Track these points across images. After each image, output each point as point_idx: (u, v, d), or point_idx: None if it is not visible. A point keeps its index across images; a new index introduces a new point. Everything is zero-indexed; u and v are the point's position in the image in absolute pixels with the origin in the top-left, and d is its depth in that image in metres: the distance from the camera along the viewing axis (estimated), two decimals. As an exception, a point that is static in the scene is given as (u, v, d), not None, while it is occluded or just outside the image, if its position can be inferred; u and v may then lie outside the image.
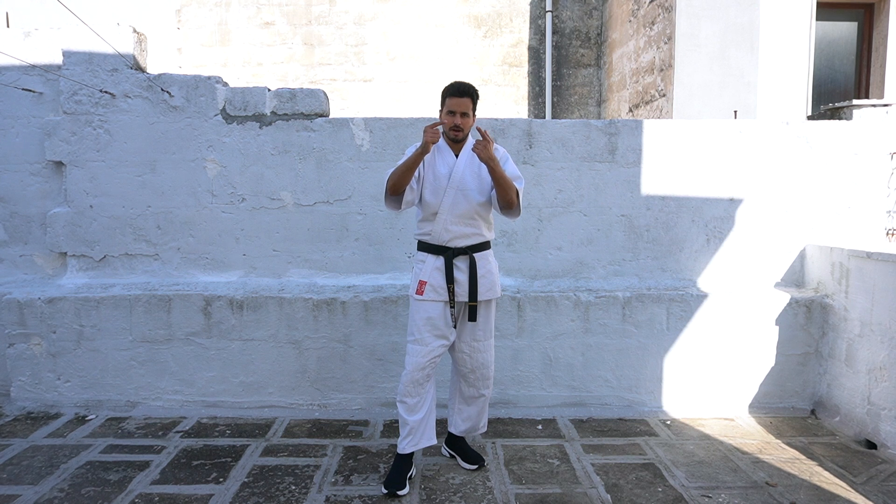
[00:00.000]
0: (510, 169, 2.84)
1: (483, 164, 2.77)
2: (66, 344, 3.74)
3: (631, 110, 6.90)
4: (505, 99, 7.98)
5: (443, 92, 2.81)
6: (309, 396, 3.76)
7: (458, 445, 3.11)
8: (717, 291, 3.78)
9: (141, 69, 3.96)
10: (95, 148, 3.90)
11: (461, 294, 2.83)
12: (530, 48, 7.98)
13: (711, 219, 3.96)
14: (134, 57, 3.90)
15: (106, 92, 3.85)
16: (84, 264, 3.97)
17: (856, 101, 4.03)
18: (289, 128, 3.90)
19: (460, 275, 2.83)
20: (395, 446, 3.26)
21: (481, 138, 2.70)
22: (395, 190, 2.75)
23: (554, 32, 7.94)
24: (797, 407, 3.81)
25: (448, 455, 3.15)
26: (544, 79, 7.94)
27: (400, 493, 2.75)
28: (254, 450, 3.25)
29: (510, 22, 7.94)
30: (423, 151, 2.66)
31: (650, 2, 6.28)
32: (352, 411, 3.75)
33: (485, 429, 3.16)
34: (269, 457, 3.16)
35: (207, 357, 3.75)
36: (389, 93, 7.88)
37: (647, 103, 6.40)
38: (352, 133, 3.90)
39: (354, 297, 3.72)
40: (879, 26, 6.02)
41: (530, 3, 7.92)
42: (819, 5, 5.85)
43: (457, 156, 2.85)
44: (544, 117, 7.92)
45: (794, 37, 5.77)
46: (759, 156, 3.94)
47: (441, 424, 3.25)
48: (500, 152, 2.89)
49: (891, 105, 4.00)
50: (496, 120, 3.92)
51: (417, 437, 2.89)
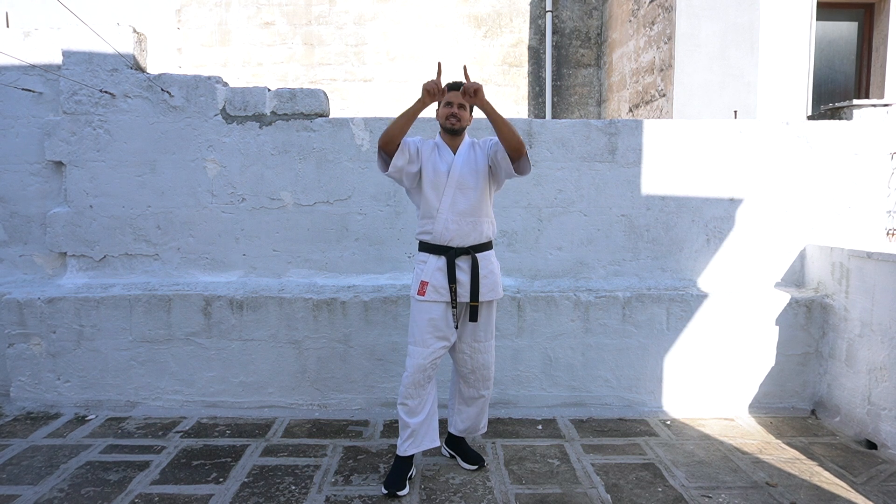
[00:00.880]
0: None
1: (477, 152, 2.81)
2: (66, 344, 3.74)
3: (631, 110, 6.90)
4: (505, 99, 7.98)
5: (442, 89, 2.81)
6: (309, 396, 3.76)
7: (458, 446, 3.11)
8: (717, 291, 3.78)
9: (141, 69, 3.96)
10: (95, 148, 3.90)
11: (463, 294, 2.81)
12: (530, 48, 7.98)
13: (711, 219, 3.96)
14: (134, 57, 3.90)
15: (106, 92, 3.85)
16: (84, 264, 3.97)
17: (856, 101, 4.03)
18: (289, 128, 3.90)
19: (462, 275, 2.80)
20: (395, 446, 3.26)
21: (469, 88, 2.57)
22: (389, 143, 2.66)
23: (554, 32, 7.93)
24: (797, 407, 3.81)
25: (448, 455, 3.15)
26: (544, 79, 7.94)
27: (400, 493, 2.75)
28: (254, 450, 3.24)
29: (510, 22, 7.94)
30: (421, 103, 2.60)
31: (650, 2, 6.28)
32: (352, 411, 3.75)
33: (485, 430, 3.16)
34: (269, 457, 3.16)
35: (207, 357, 3.75)
36: (389, 93, 7.88)
37: (647, 103, 6.40)
38: (352, 133, 3.90)
39: (354, 297, 3.72)
40: (879, 26, 6.02)
41: (530, 3, 7.92)
42: (819, 5, 5.85)
43: (454, 153, 2.85)
44: (544, 117, 7.92)
45: (794, 37, 5.77)
46: (759, 156, 3.93)
47: (441, 424, 3.25)
48: (481, 143, 2.89)
49: (891, 105, 4.00)
50: (496, 120, 3.91)
51: (419, 440, 2.88)
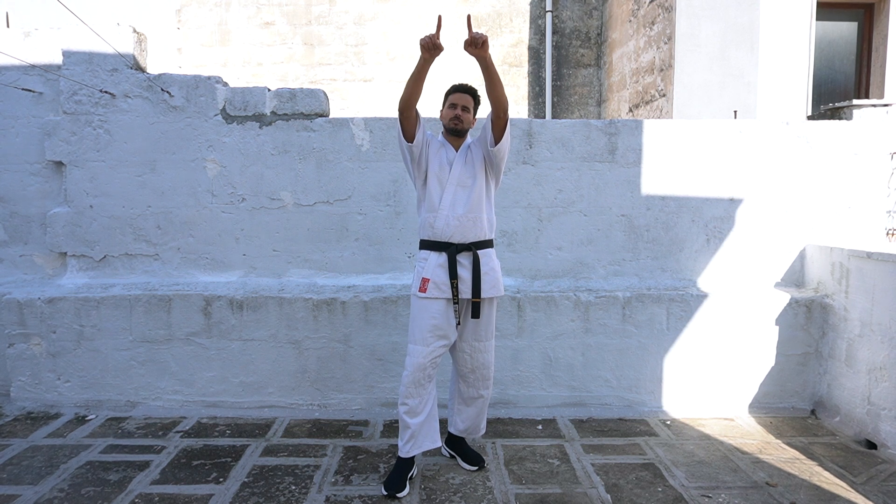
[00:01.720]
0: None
1: (474, 150, 2.84)
2: (66, 344, 3.74)
3: (631, 110, 6.90)
4: (505, 99, 7.97)
5: (447, 91, 2.87)
6: (309, 396, 3.76)
7: (458, 446, 3.11)
8: (717, 291, 3.78)
9: (141, 69, 3.96)
10: (95, 148, 3.90)
11: (465, 291, 2.80)
12: (530, 48, 7.98)
13: (711, 219, 3.96)
14: (134, 57, 3.90)
15: (106, 92, 3.85)
16: (84, 264, 3.97)
17: (856, 101, 4.03)
18: (289, 128, 3.90)
19: (464, 271, 2.80)
20: (396, 446, 3.26)
21: (477, 39, 2.53)
22: (406, 106, 2.68)
23: (554, 32, 7.94)
24: (797, 407, 3.81)
25: (448, 455, 3.15)
26: (544, 79, 7.94)
27: (399, 494, 2.74)
28: (254, 450, 3.24)
29: (510, 22, 7.94)
30: (423, 60, 2.60)
31: (650, 2, 6.28)
32: (352, 411, 3.75)
33: (483, 431, 3.16)
34: (269, 457, 3.16)
35: (207, 357, 3.75)
36: (389, 93, 7.88)
37: (647, 103, 6.40)
38: (352, 133, 3.90)
39: (354, 297, 3.72)
40: (879, 26, 6.02)
41: (530, 3, 7.92)
42: (819, 5, 5.85)
43: (457, 151, 2.88)
44: (544, 117, 7.92)
45: (794, 37, 5.77)
46: (759, 156, 3.94)
47: (441, 424, 3.25)
48: (476, 139, 2.92)
49: (891, 105, 4.00)
50: (496, 120, 3.92)
51: (420, 441, 2.87)
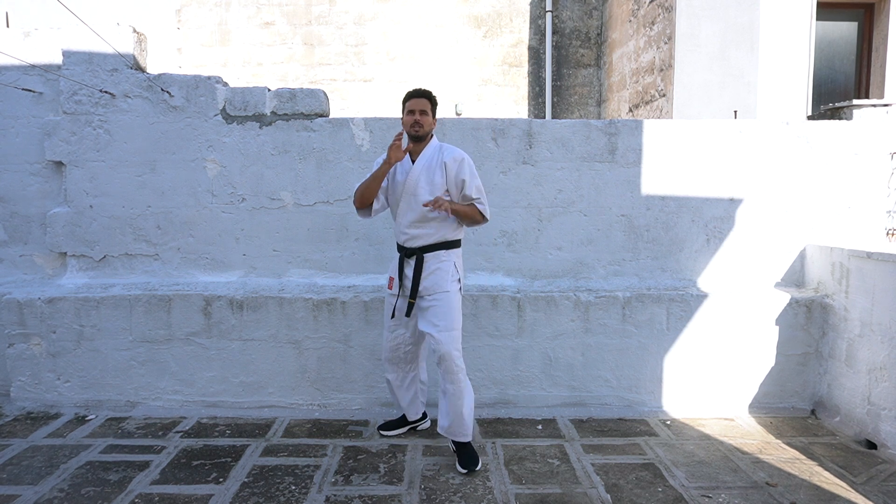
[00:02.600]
0: (471, 185, 2.97)
1: (437, 175, 2.96)
2: (66, 344, 3.74)
3: (631, 110, 6.90)
4: (505, 99, 7.98)
5: (403, 99, 3.03)
6: (309, 396, 3.76)
7: (457, 445, 3.11)
8: (717, 291, 3.78)
9: (141, 69, 3.96)
10: (95, 148, 3.90)
11: (407, 289, 3.06)
12: (530, 48, 7.98)
13: (711, 219, 3.96)
14: (134, 57, 3.89)
15: (106, 92, 3.85)
16: (84, 264, 3.97)
17: (856, 101, 4.03)
18: (289, 128, 3.90)
19: (409, 271, 3.03)
20: (395, 446, 3.28)
21: (437, 204, 2.85)
22: (362, 203, 3.05)
23: (554, 32, 7.94)
24: (797, 407, 3.81)
25: (453, 450, 3.13)
26: (544, 79, 7.95)
27: (389, 433, 3.39)
28: (254, 450, 3.24)
29: (510, 22, 7.94)
30: (386, 166, 2.94)
31: (650, 2, 6.28)
32: (352, 411, 3.75)
33: (465, 436, 3.02)
34: (269, 457, 3.16)
35: (207, 357, 3.75)
36: (389, 93, 7.88)
37: (647, 103, 6.40)
38: (352, 133, 3.90)
39: (354, 297, 3.72)
40: (879, 26, 6.02)
41: (530, 3, 7.92)
42: (819, 5, 5.85)
43: (414, 162, 3.01)
44: (544, 117, 7.92)
45: (794, 37, 5.77)
46: (759, 156, 3.93)
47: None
48: (466, 162, 2.99)
49: (891, 105, 4.00)
50: (496, 120, 3.92)
51: (400, 405, 3.35)
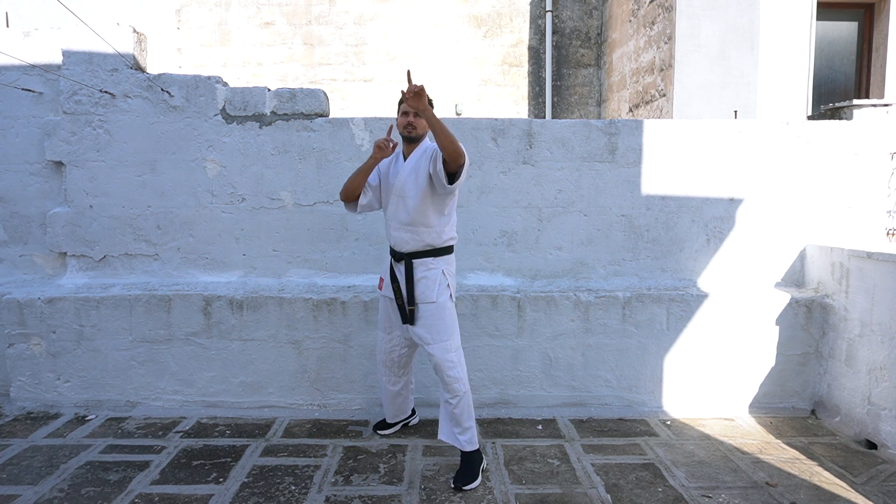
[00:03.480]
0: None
1: (422, 163, 2.84)
2: (66, 344, 3.74)
3: (631, 110, 6.90)
4: (505, 99, 7.98)
5: (399, 100, 2.92)
6: (309, 396, 3.76)
7: (461, 453, 3.01)
8: (717, 291, 3.78)
9: (141, 69, 3.96)
10: (95, 148, 3.90)
11: (402, 294, 2.97)
12: (530, 48, 7.98)
13: (711, 219, 3.96)
14: (134, 57, 3.89)
15: (106, 92, 3.85)
16: (84, 264, 3.97)
17: (856, 101, 4.03)
18: (289, 128, 3.89)
19: (400, 276, 2.97)
20: (395, 446, 3.28)
21: (410, 90, 2.54)
22: (347, 196, 3.00)
23: (554, 32, 7.94)
24: (797, 407, 3.81)
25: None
26: (544, 79, 7.94)
27: (383, 432, 3.43)
28: (254, 450, 3.24)
29: (510, 22, 7.94)
30: (371, 161, 2.91)
31: (650, 2, 6.28)
32: (352, 411, 3.75)
33: (463, 447, 2.93)
34: (269, 457, 3.16)
35: (207, 357, 3.75)
36: (389, 93, 7.88)
37: (647, 103, 6.40)
38: (352, 133, 3.90)
39: (354, 297, 3.72)
40: (879, 26, 6.02)
41: (530, 3, 7.92)
42: (819, 5, 5.85)
43: (407, 159, 2.95)
44: (544, 117, 7.92)
45: (794, 37, 5.77)
46: (759, 156, 3.93)
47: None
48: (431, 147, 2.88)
49: (891, 105, 4.00)
50: (496, 120, 3.92)
51: (385, 409, 3.42)
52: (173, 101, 3.88)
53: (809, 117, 5.03)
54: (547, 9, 7.81)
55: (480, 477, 2.91)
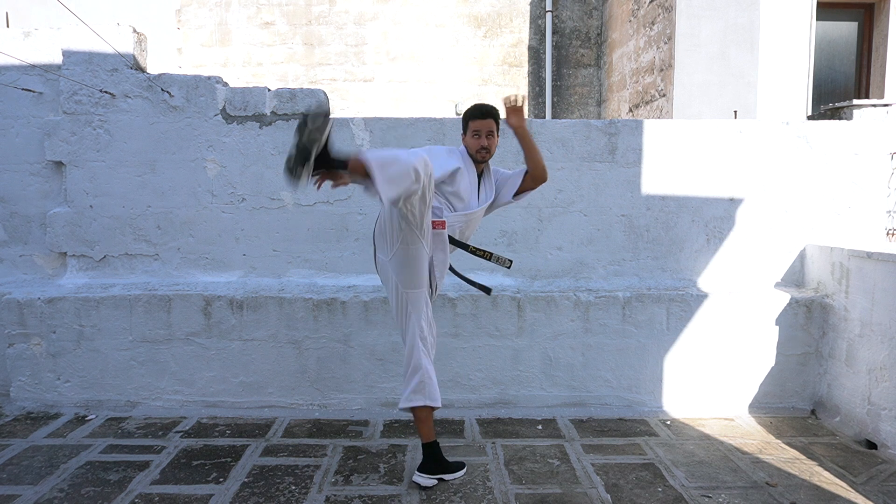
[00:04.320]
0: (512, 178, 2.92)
1: (489, 189, 2.87)
2: (66, 344, 3.74)
3: (631, 110, 6.90)
4: (505, 99, 7.97)
5: (464, 115, 2.80)
6: (309, 396, 3.76)
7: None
8: (717, 291, 3.78)
9: (141, 69, 3.96)
10: (95, 148, 3.90)
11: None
12: (530, 48, 7.98)
13: (711, 219, 3.96)
14: (134, 57, 3.89)
15: (106, 92, 3.85)
16: (84, 264, 3.97)
17: (856, 101, 4.03)
18: (289, 128, 3.89)
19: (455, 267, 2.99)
20: (395, 446, 3.28)
21: (515, 105, 2.66)
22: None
23: (554, 32, 7.94)
24: (797, 407, 3.81)
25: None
26: (544, 79, 7.94)
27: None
28: (254, 450, 3.24)
29: (510, 22, 7.94)
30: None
31: (650, 2, 6.28)
32: (352, 411, 3.75)
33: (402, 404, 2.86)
34: (269, 457, 3.16)
35: (207, 357, 3.75)
36: (389, 93, 7.88)
37: (647, 103, 6.40)
38: (352, 133, 3.90)
39: (354, 297, 3.72)
40: (879, 26, 6.02)
41: (530, 3, 7.92)
42: (819, 5, 5.85)
43: (479, 177, 2.87)
44: (544, 117, 7.92)
45: (794, 37, 5.77)
46: (759, 156, 3.93)
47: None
48: (496, 174, 2.96)
49: (891, 105, 4.00)
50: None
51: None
52: (173, 101, 3.88)
53: (809, 117, 5.03)
54: (547, 9, 7.81)
55: (435, 480, 2.83)
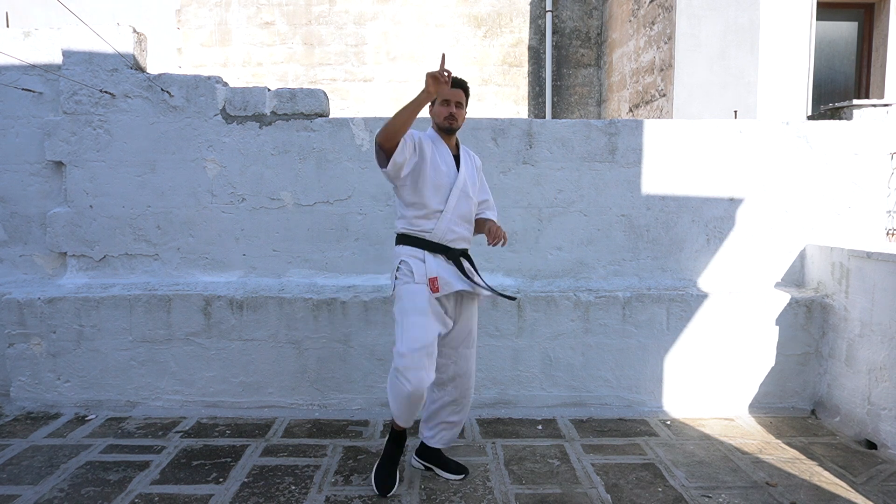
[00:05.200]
0: (488, 192, 3.01)
1: (474, 173, 2.89)
2: (66, 344, 3.74)
3: (631, 110, 6.90)
4: (505, 99, 7.98)
5: (427, 88, 2.67)
6: (309, 396, 3.76)
7: (435, 456, 2.97)
8: (717, 291, 3.78)
9: (141, 69, 3.96)
10: (95, 148, 3.90)
11: (479, 282, 2.80)
12: (530, 48, 7.98)
13: (711, 219, 3.96)
14: (134, 57, 3.89)
15: (106, 92, 3.85)
16: (84, 264, 3.97)
17: (856, 101, 4.03)
18: (289, 128, 3.89)
19: (468, 269, 2.79)
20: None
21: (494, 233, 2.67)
22: (391, 139, 2.52)
23: (554, 32, 7.94)
24: (797, 407, 3.81)
25: (423, 467, 3.00)
26: (544, 79, 7.94)
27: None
28: (254, 450, 3.24)
29: (510, 22, 7.94)
30: (425, 97, 2.51)
31: (650, 2, 6.28)
32: (352, 411, 3.75)
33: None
34: (269, 457, 3.16)
35: (207, 357, 3.75)
36: (389, 93, 7.88)
37: (647, 103, 6.40)
38: (352, 133, 3.90)
39: (354, 297, 3.72)
40: (879, 26, 6.02)
41: (530, 3, 7.92)
42: (819, 5, 5.84)
43: (455, 155, 2.82)
44: (544, 117, 7.92)
45: (794, 37, 5.76)
46: (759, 156, 3.93)
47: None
48: (477, 161, 2.96)
49: (891, 105, 4.00)
50: (496, 120, 3.92)
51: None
52: (173, 101, 3.88)
53: (809, 117, 5.03)
54: (547, 9, 7.81)
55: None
